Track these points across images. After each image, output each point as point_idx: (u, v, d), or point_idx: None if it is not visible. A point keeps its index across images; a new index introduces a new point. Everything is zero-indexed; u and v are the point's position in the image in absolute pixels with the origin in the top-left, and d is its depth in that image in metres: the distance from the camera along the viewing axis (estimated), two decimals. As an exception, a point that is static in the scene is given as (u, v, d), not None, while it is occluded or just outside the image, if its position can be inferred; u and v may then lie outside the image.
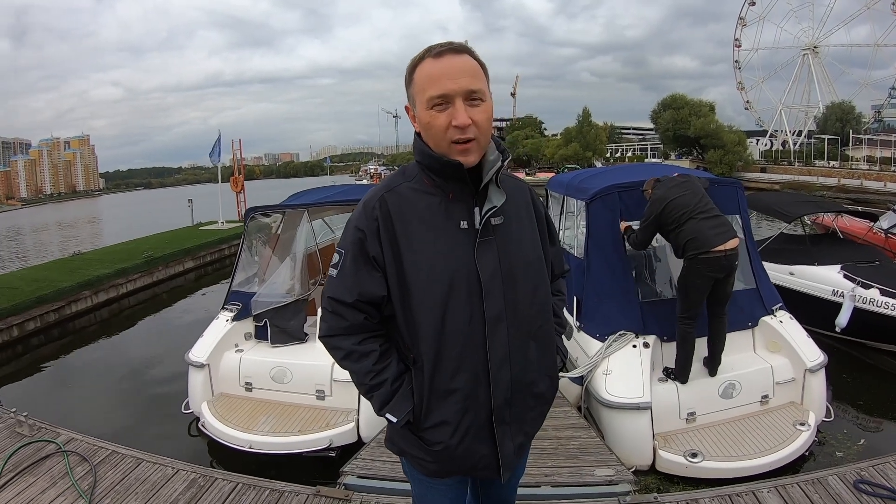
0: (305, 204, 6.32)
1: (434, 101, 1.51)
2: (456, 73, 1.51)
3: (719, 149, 49.73)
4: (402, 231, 1.58)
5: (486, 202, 1.60)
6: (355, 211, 1.68)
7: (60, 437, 4.42)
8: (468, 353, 1.59)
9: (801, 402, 4.73)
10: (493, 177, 1.59)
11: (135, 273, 12.96)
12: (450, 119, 1.50)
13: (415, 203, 1.61)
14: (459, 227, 1.59)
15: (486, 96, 1.56)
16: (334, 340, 1.69)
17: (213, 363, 5.37)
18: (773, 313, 5.09)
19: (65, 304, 10.70)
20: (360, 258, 1.61)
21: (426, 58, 1.55)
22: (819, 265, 7.34)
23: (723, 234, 4.42)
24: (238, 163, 24.13)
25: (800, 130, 65.09)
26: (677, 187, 4.68)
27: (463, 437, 1.63)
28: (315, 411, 5.03)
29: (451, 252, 1.57)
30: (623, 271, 5.07)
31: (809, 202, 9.45)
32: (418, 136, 1.63)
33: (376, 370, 1.64)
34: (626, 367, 4.51)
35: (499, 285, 1.60)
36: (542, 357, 1.74)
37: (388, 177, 1.76)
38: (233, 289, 6.10)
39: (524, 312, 1.66)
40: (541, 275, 1.76)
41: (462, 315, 1.57)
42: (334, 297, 1.65)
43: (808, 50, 66.66)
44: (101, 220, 51.13)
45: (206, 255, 16.09)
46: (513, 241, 1.66)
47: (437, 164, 1.57)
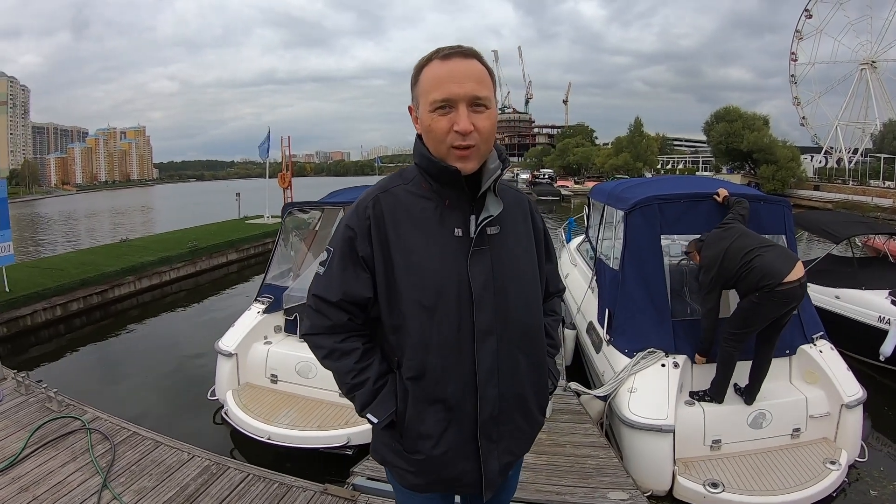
0: (342, 202, 6.37)
1: (437, 104, 1.48)
2: (462, 78, 1.48)
3: (772, 164, 48.42)
4: (393, 234, 1.56)
5: (483, 210, 1.57)
6: (348, 210, 1.67)
7: (86, 415, 4.60)
8: (455, 363, 1.56)
9: (835, 440, 4.46)
10: (491, 185, 1.56)
11: (178, 262, 13.32)
12: (451, 124, 1.48)
13: (409, 206, 1.58)
14: (453, 234, 1.56)
15: (491, 103, 1.52)
16: (316, 339, 1.67)
17: (242, 353, 5.48)
18: (812, 342, 4.82)
19: (108, 287, 11.09)
20: (348, 257, 1.59)
21: (433, 59, 1.52)
22: (867, 289, 7.05)
23: (789, 261, 4.25)
24: (286, 159, 24.50)
25: (856, 148, 62.98)
26: (724, 239, 4.50)
27: (446, 451, 1.59)
28: (336, 408, 5.05)
29: (442, 259, 1.54)
30: (658, 286, 4.91)
31: (860, 223, 9.09)
32: (419, 138, 1.61)
33: (357, 369, 1.61)
34: (652, 387, 4.37)
35: (490, 297, 1.56)
36: (532, 375, 1.70)
37: (385, 178, 1.73)
38: (266, 281, 6.22)
39: (515, 326, 1.62)
40: (534, 290, 1.73)
41: (451, 324, 1.54)
42: (319, 294, 1.63)
43: (866, 64, 64.40)
44: (152, 209, 52.64)
45: (250, 248, 16.36)
46: (507, 253, 1.62)
47: (435, 169, 1.54)
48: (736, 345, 4.41)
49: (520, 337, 1.64)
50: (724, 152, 56.63)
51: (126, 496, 3.58)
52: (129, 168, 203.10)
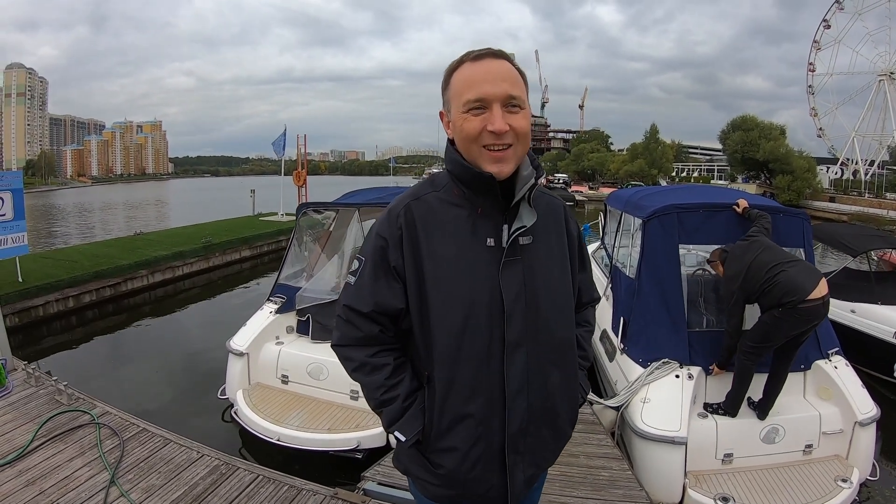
0: (357, 203, 6.37)
1: (471, 104, 1.44)
2: (495, 78, 1.45)
3: (788, 174, 48.08)
4: (425, 243, 1.52)
5: (516, 220, 1.52)
6: (379, 218, 1.62)
7: (95, 409, 4.60)
8: (484, 377, 1.51)
9: (847, 457, 4.40)
10: (525, 194, 1.51)
11: (192, 257, 13.41)
12: (484, 124, 1.44)
13: (441, 215, 1.54)
14: (486, 244, 1.51)
15: (526, 104, 1.49)
16: (346, 350, 1.63)
17: (253, 353, 5.48)
18: (828, 357, 4.76)
19: (121, 280, 11.20)
20: (380, 267, 1.55)
21: (465, 62, 1.50)
22: (883, 304, 7.02)
23: (813, 277, 4.19)
24: (302, 157, 24.57)
25: (872, 160, 62.42)
26: (749, 251, 4.43)
27: (473, 465, 1.55)
28: (347, 411, 5.05)
29: (474, 270, 1.50)
30: (675, 296, 4.84)
31: (878, 237, 8.99)
32: (451, 143, 1.56)
33: (388, 385, 1.58)
34: (665, 398, 4.32)
35: (521, 309, 1.52)
36: (562, 388, 1.65)
37: (416, 185, 1.67)
38: (279, 281, 6.22)
39: (546, 339, 1.58)
40: (567, 301, 1.69)
41: (481, 337, 1.50)
42: (350, 305, 1.59)
43: (885, 76, 63.78)
44: (166, 204, 53.10)
45: (264, 245, 16.43)
46: (540, 264, 1.58)
47: (468, 175, 1.50)
48: (754, 359, 4.35)
49: (551, 350, 1.60)
50: (740, 161, 56.31)
51: (134, 493, 3.56)
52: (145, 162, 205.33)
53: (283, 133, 21.77)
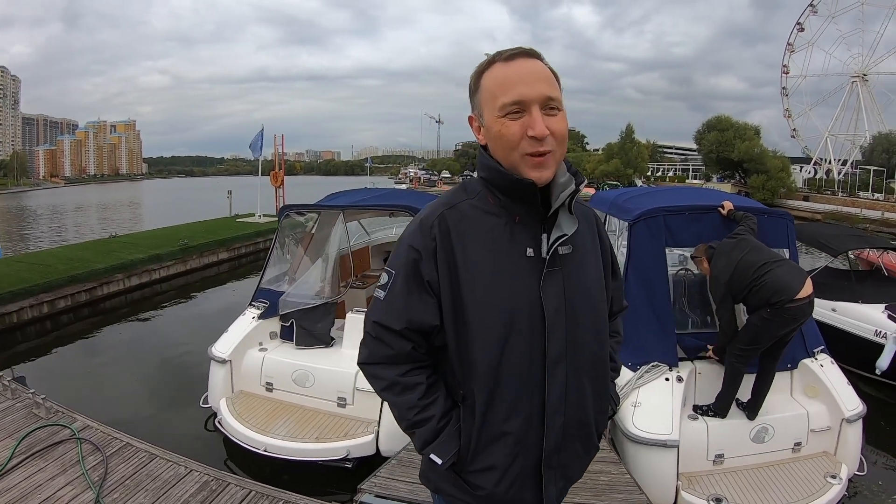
0: (342, 205, 6.27)
1: (507, 108, 1.36)
2: (531, 78, 1.37)
3: (762, 174, 48.95)
4: (461, 254, 1.43)
5: (555, 229, 1.44)
6: (410, 228, 1.52)
7: (76, 423, 4.43)
8: (525, 394, 1.45)
9: (835, 453, 4.48)
10: (565, 201, 1.43)
11: (169, 260, 13.17)
12: (524, 129, 1.35)
13: (477, 224, 1.45)
14: (525, 254, 1.43)
15: (562, 105, 1.41)
16: (375, 369, 1.55)
17: (236, 360, 5.35)
18: (814, 356, 4.83)
19: (97, 285, 10.95)
20: (412, 281, 1.46)
21: (495, 62, 1.42)
22: (863, 303, 7.13)
23: (799, 277, 4.21)
24: (279, 158, 24.32)
25: (845, 160, 63.73)
26: (736, 249, 4.43)
27: (511, 484, 1.49)
28: (335, 419, 4.96)
29: (514, 282, 1.42)
30: (662, 299, 4.84)
31: (858, 236, 9.15)
32: (483, 149, 1.49)
33: (421, 405, 1.49)
34: (656, 401, 4.30)
35: (562, 322, 1.45)
36: (596, 402, 1.59)
37: (447, 193, 1.59)
38: (262, 286, 6.10)
39: (584, 353, 1.51)
40: (604, 313, 1.62)
41: (522, 353, 1.42)
42: (380, 322, 1.50)
43: (858, 77, 65.26)
44: (141, 205, 52.47)
45: (241, 248, 16.21)
46: (579, 275, 1.51)
47: (506, 182, 1.41)
48: (744, 361, 4.38)
49: (588, 364, 1.53)
50: (715, 161, 57.17)
51: (121, 513, 3.43)
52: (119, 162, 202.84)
53: (260, 132, 21.50)
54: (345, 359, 5.29)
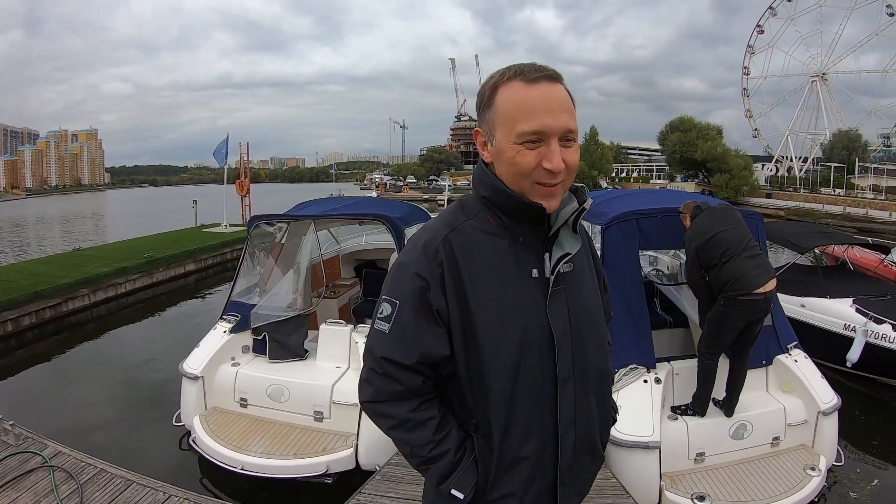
0: (312, 215, 6.17)
1: (527, 136, 1.29)
2: (555, 107, 1.30)
3: (725, 173, 50.11)
4: (469, 280, 1.37)
5: (556, 248, 1.42)
6: (411, 252, 1.45)
7: (47, 450, 4.24)
8: (538, 416, 1.41)
9: (813, 446, 4.57)
10: (569, 220, 1.42)
11: (135, 273, 12.84)
12: (540, 159, 1.30)
13: (481, 246, 1.40)
14: (530, 275, 1.39)
15: (578, 135, 1.37)
16: (383, 407, 1.45)
17: (208, 376, 5.20)
18: (788, 352, 4.92)
19: (62, 300, 10.60)
20: (420, 311, 1.38)
21: (515, 80, 1.33)
22: (831, 298, 7.29)
23: (764, 274, 4.25)
24: (245, 166, 24.00)
25: (806, 157, 65.45)
26: (720, 220, 4.45)
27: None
28: (312, 434, 4.85)
29: (523, 304, 1.38)
30: (638, 302, 4.84)
31: (823, 233, 9.36)
32: (485, 165, 1.44)
33: (436, 440, 1.42)
34: (636, 403, 4.30)
35: (569, 341, 1.42)
36: (601, 415, 1.56)
37: (444, 213, 1.52)
38: (232, 299, 5.94)
39: (590, 369, 1.49)
40: (604, 327, 1.59)
41: (535, 375, 1.39)
42: (389, 357, 1.40)
43: (817, 77, 67.11)
44: (105, 216, 51.44)
45: (208, 259, 15.89)
46: (580, 292, 1.49)
47: (514, 204, 1.36)
48: (712, 357, 4.43)
49: (594, 379, 1.51)
50: (679, 161, 58.34)
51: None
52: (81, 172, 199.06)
53: (225, 140, 21.15)
54: (320, 372, 5.21)
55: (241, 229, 18.99)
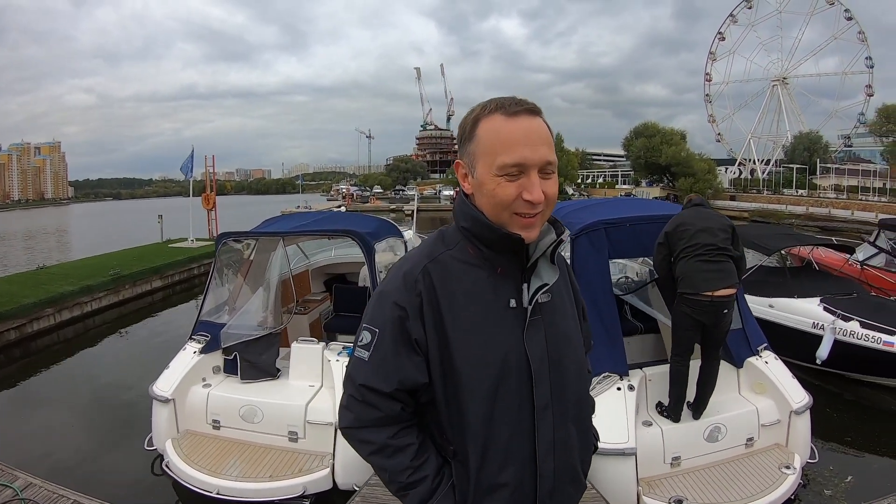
0: (281, 231, 6.11)
1: (507, 168, 1.33)
2: (535, 141, 1.34)
3: (690, 177, 51.12)
4: (447, 310, 1.40)
5: (535, 278, 1.44)
6: (391, 281, 1.48)
7: (17, 482, 4.11)
8: (516, 443, 1.43)
9: (787, 444, 4.66)
10: (547, 251, 1.44)
11: (101, 291, 12.54)
12: (520, 191, 1.33)
13: (460, 277, 1.43)
14: (508, 306, 1.42)
15: (556, 167, 1.41)
16: (362, 433, 1.48)
17: (179, 398, 5.08)
18: (758, 354, 5.01)
19: (26, 321, 10.32)
20: (399, 340, 1.41)
21: (496, 113, 1.36)
22: (799, 298, 7.47)
23: (715, 280, 4.35)
24: (210, 179, 23.69)
25: (768, 159, 67.00)
26: (699, 218, 4.58)
27: None
28: (287, 454, 4.76)
29: (500, 334, 1.41)
30: (609, 310, 4.88)
31: (787, 235, 9.61)
32: (465, 196, 1.46)
33: (414, 465, 1.44)
34: (610, 411, 4.32)
35: (546, 369, 1.44)
36: (581, 442, 1.58)
37: (424, 243, 1.56)
38: (201, 318, 5.81)
39: (569, 398, 1.51)
40: (583, 356, 1.62)
41: (512, 403, 1.41)
42: (368, 385, 1.44)
43: (778, 81, 68.87)
44: (69, 231, 50.36)
45: (175, 274, 15.63)
46: (558, 321, 1.51)
47: (493, 235, 1.39)
48: (680, 360, 4.53)
49: (573, 407, 1.52)
50: (644, 166, 59.40)
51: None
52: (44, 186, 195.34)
53: (190, 154, 20.91)
54: (293, 391, 5.15)
55: (207, 244, 18.74)
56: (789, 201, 43.75)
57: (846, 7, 64.07)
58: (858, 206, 38.82)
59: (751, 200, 47.92)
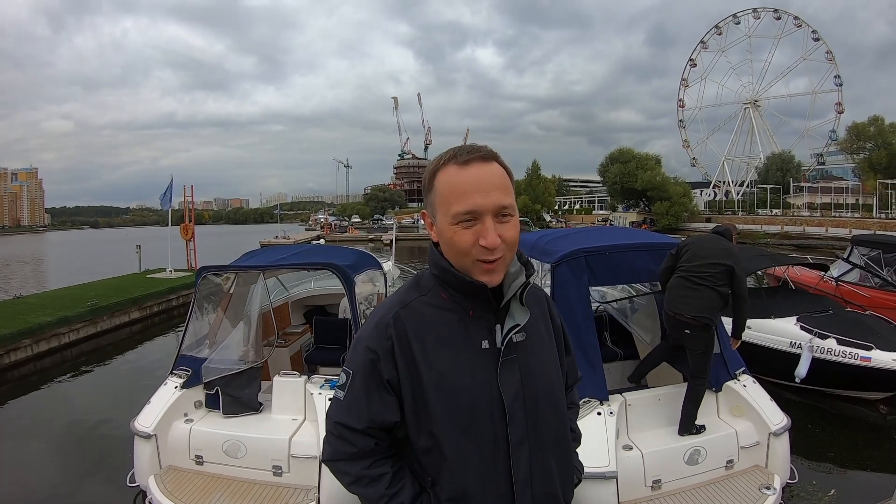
0: (261, 265, 6.11)
1: (461, 217, 1.39)
2: (486, 187, 1.39)
3: (666, 201, 51.78)
4: (420, 352, 1.47)
5: (508, 318, 1.50)
6: (365, 328, 1.57)
7: None
8: (491, 479, 1.47)
9: (766, 466, 4.71)
10: (517, 293, 1.49)
11: (78, 322, 12.39)
12: (476, 237, 1.39)
13: (432, 321, 1.49)
14: (480, 347, 1.48)
15: (515, 210, 1.45)
16: (340, 465, 1.57)
17: (161, 433, 5.02)
18: (736, 377, 5.09)
19: (3, 352, 10.18)
20: (371, 381, 1.50)
21: (449, 164, 1.43)
22: (776, 318, 7.62)
23: (681, 302, 4.82)
24: (189, 209, 23.55)
25: (742, 181, 68.23)
26: (705, 246, 4.98)
27: None
28: (272, 489, 4.71)
29: (472, 374, 1.46)
30: (589, 337, 4.96)
31: (762, 255, 9.81)
32: (435, 246, 1.53)
33: (389, 494, 1.50)
34: (591, 435, 4.33)
35: (521, 407, 1.50)
36: (561, 474, 1.62)
37: (401, 289, 1.64)
38: (182, 353, 5.75)
39: (546, 433, 1.56)
40: (560, 391, 1.66)
41: (485, 441, 1.46)
42: (342, 422, 1.53)
43: (749, 104, 70.47)
44: (46, 260, 49.74)
45: (154, 306, 15.47)
46: (534, 359, 1.56)
47: (458, 282, 1.46)
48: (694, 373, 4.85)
49: (551, 442, 1.57)
50: (620, 192, 60.28)
51: None
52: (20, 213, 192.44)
53: (169, 184, 20.69)
54: (276, 425, 5.12)
55: (186, 274, 18.61)
56: (764, 221, 44.53)
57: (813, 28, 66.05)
58: (832, 223, 39.63)
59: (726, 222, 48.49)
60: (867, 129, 54.98)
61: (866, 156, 54.24)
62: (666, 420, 4.80)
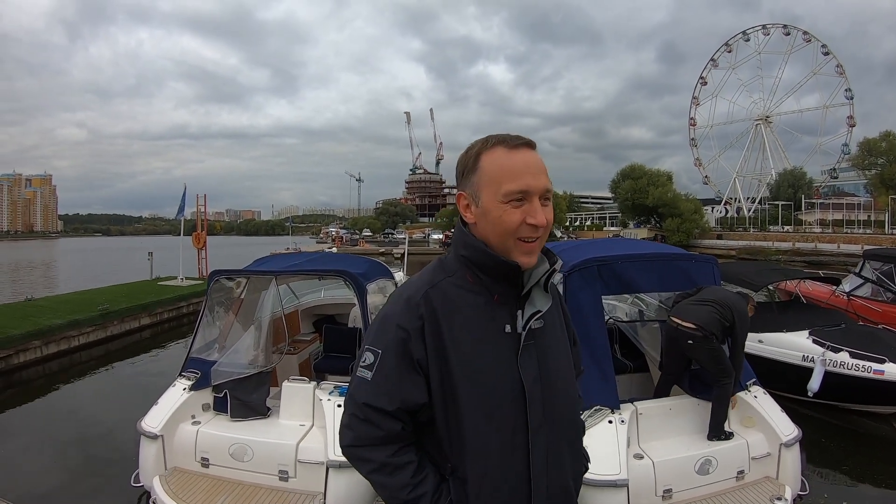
0: (273, 271, 6.11)
1: (513, 195, 1.43)
2: (536, 170, 1.46)
3: (677, 217, 51.67)
4: (448, 333, 1.47)
5: (529, 305, 1.52)
6: (393, 305, 1.55)
7: None
8: (512, 463, 1.49)
9: (777, 477, 4.68)
10: (541, 280, 1.53)
11: (88, 326, 12.47)
12: (524, 216, 1.43)
13: (459, 302, 1.50)
14: (504, 331, 1.50)
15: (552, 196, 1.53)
16: (362, 451, 1.52)
17: (168, 434, 5.01)
18: (747, 388, 5.08)
19: (12, 352, 10.25)
20: (402, 360, 1.47)
21: (498, 147, 1.48)
22: (788, 332, 7.56)
23: (684, 312, 4.97)
24: (202, 218, 23.69)
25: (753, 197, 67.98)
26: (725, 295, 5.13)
27: None
28: (277, 494, 4.69)
29: (496, 358, 1.48)
30: (601, 346, 4.97)
31: (775, 270, 9.76)
32: (465, 226, 1.55)
33: (413, 483, 1.48)
34: (602, 443, 4.34)
35: (539, 392, 1.51)
36: (573, 462, 1.64)
37: (425, 270, 1.63)
38: (191, 355, 5.77)
39: (561, 419, 1.58)
40: (573, 379, 1.71)
41: (507, 425, 1.48)
42: (370, 403, 1.48)
43: (761, 120, 70.33)
44: (57, 265, 50.28)
45: (164, 312, 15.55)
46: (550, 346, 1.58)
47: (491, 262, 1.48)
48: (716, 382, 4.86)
49: (565, 429, 1.61)
50: (631, 208, 60.16)
51: None
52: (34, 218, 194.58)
53: (183, 194, 20.96)
54: (283, 430, 5.10)
55: (197, 283, 18.74)
56: (776, 238, 44.25)
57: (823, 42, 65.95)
58: (844, 239, 39.35)
59: (737, 238, 48.41)
60: (879, 145, 54.69)
61: (878, 171, 54.02)
62: (677, 430, 4.77)
